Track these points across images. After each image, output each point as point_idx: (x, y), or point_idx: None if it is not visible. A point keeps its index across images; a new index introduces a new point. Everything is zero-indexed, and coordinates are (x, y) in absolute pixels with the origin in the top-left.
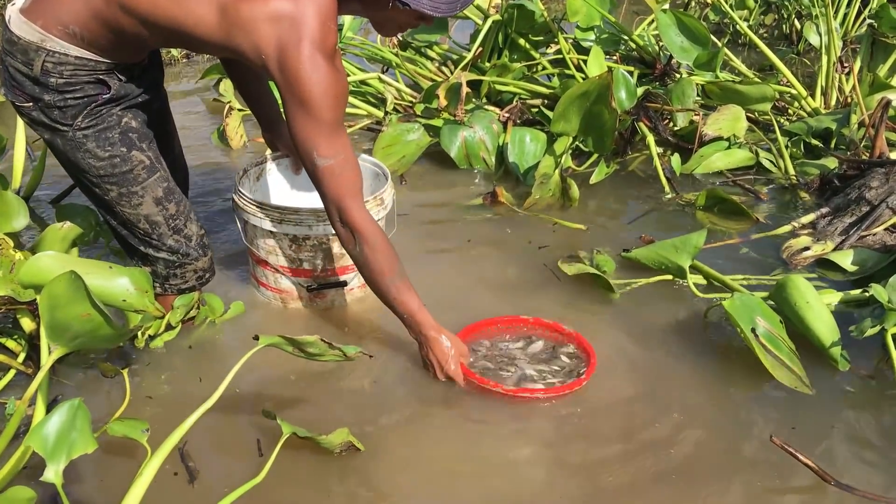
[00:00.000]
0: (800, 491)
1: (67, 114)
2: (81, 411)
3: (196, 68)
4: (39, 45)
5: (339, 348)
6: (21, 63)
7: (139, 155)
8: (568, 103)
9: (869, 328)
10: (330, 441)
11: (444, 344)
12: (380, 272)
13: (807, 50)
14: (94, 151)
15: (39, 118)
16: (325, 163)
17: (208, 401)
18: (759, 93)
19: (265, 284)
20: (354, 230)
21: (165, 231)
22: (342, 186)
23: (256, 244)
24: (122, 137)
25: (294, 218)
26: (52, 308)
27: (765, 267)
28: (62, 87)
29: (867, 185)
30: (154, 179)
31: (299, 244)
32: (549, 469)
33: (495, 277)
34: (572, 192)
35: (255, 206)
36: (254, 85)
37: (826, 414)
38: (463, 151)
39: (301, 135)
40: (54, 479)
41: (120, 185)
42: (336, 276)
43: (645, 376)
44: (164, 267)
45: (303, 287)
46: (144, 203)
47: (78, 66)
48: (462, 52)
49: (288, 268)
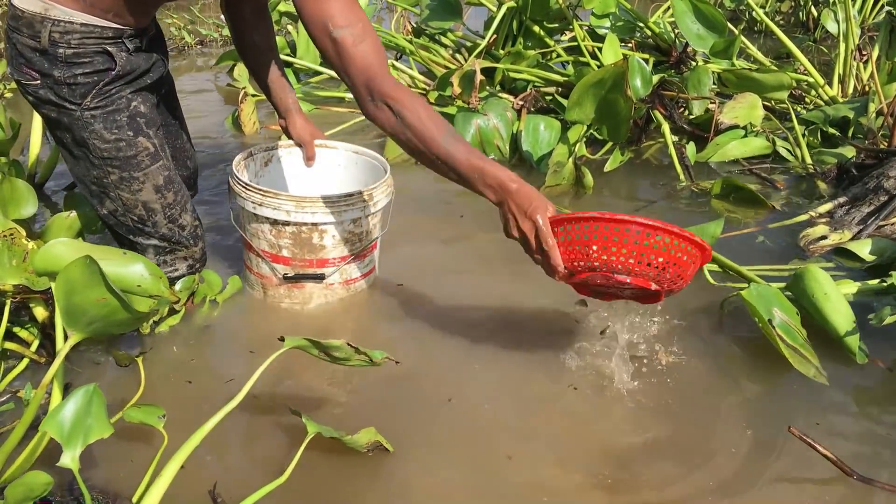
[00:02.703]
0: (818, 482)
1: (77, 92)
2: (97, 397)
3: (210, 54)
4: (44, 16)
5: (366, 353)
6: (28, 37)
7: (145, 141)
8: (583, 91)
9: (888, 316)
10: (356, 441)
11: (530, 192)
12: (431, 137)
13: (824, 37)
14: (100, 133)
15: (47, 96)
16: (342, 33)
17: (229, 403)
18: (776, 81)
19: (249, 267)
20: (389, 100)
21: (161, 219)
22: (366, 56)
23: (243, 226)
24: (129, 121)
25: (274, 202)
26: (69, 293)
27: (781, 256)
28: (71, 58)
29: (885, 174)
30: (157, 167)
31: (279, 229)
32: (564, 462)
33: (506, 266)
34: (586, 180)
35: (240, 187)
36: (266, 69)
37: (845, 405)
38: (477, 139)
39: (311, 9)
40: (71, 464)
41: (122, 170)
42: (315, 268)
43: (659, 366)
44: (153, 254)
45: (279, 275)
46: (144, 189)
47: (84, 33)
48: (476, 40)
49: (268, 252)
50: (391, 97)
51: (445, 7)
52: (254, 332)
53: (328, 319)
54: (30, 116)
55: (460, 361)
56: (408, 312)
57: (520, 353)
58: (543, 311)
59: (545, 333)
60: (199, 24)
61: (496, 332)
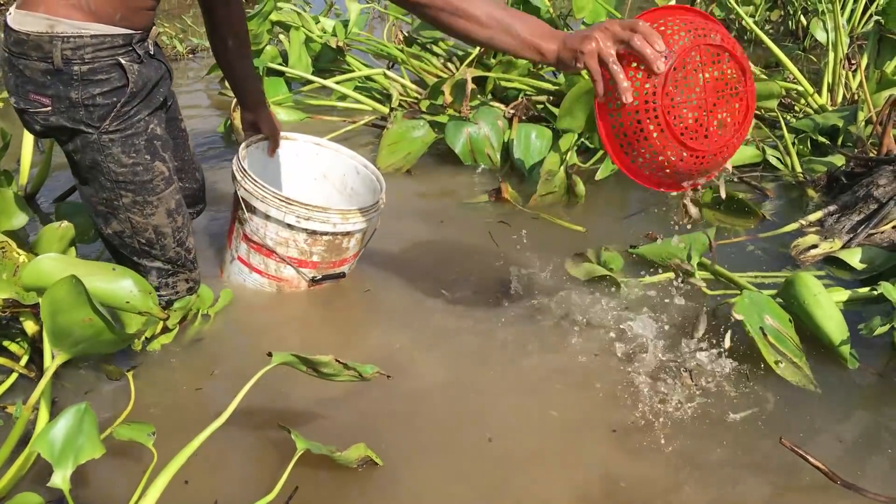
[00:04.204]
0: (808, 491)
1: (95, 114)
2: (88, 416)
3: (201, 64)
4: (52, 34)
5: (355, 368)
6: (38, 60)
7: (161, 165)
8: (574, 100)
9: (878, 326)
10: (346, 457)
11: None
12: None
13: (813, 46)
14: (117, 157)
15: (59, 122)
16: None
17: (216, 420)
18: (766, 89)
19: (260, 271)
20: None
21: (170, 243)
22: None
23: (263, 234)
24: (147, 145)
25: (321, 216)
26: (54, 313)
27: (772, 264)
28: (87, 75)
29: (875, 182)
30: (170, 191)
31: (315, 238)
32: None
33: (497, 275)
34: (578, 188)
35: (279, 201)
36: (239, 63)
37: (835, 413)
38: (468, 148)
39: None
40: (62, 484)
41: (136, 193)
42: (335, 268)
43: (650, 373)
44: (156, 277)
45: (305, 278)
46: (157, 213)
47: (96, 45)
48: (467, 49)
49: (296, 259)
50: None
51: None
52: (245, 345)
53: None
54: (21, 127)
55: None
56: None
57: (514, 363)
58: (539, 310)
59: (538, 342)
60: (190, 34)
61: (489, 340)
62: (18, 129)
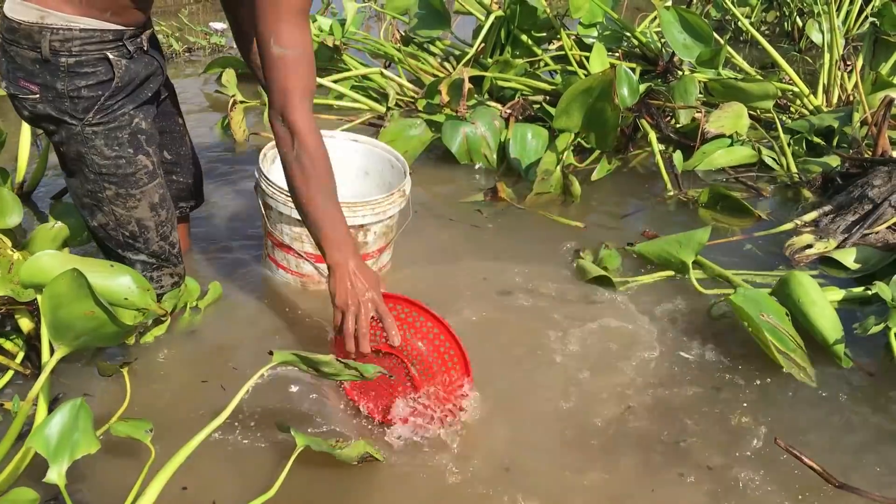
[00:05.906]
0: (803, 491)
1: (79, 106)
2: (83, 411)
3: (198, 63)
4: (42, 25)
5: (356, 367)
6: (28, 49)
7: (144, 159)
8: (570, 100)
9: (872, 326)
10: (347, 454)
11: (370, 271)
12: (316, 183)
13: (809, 47)
14: (100, 149)
15: (45, 111)
16: (282, 52)
17: (217, 419)
18: (762, 90)
19: (284, 267)
20: (295, 131)
21: (153, 237)
22: (294, 80)
23: (280, 229)
24: (131, 138)
25: (348, 214)
26: (55, 307)
27: (767, 264)
28: (73, 67)
29: (870, 183)
30: (154, 185)
31: None
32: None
33: (494, 275)
34: (574, 188)
35: (285, 196)
36: None
37: (830, 412)
38: (464, 147)
39: (262, 18)
40: (57, 480)
41: (119, 186)
42: None
43: (647, 372)
44: (140, 270)
45: (324, 274)
46: (140, 207)
47: (84, 39)
48: (464, 48)
49: (312, 254)
50: (298, 130)
51: (434, 16)
52: (244, 343)
53: (317, 327)
54: (18, 124)
55: None
56: None
57: (514, 362)
58: (536, 308)
59: (536, 341)
60: (186, 32)
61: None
62: (15, 126)
